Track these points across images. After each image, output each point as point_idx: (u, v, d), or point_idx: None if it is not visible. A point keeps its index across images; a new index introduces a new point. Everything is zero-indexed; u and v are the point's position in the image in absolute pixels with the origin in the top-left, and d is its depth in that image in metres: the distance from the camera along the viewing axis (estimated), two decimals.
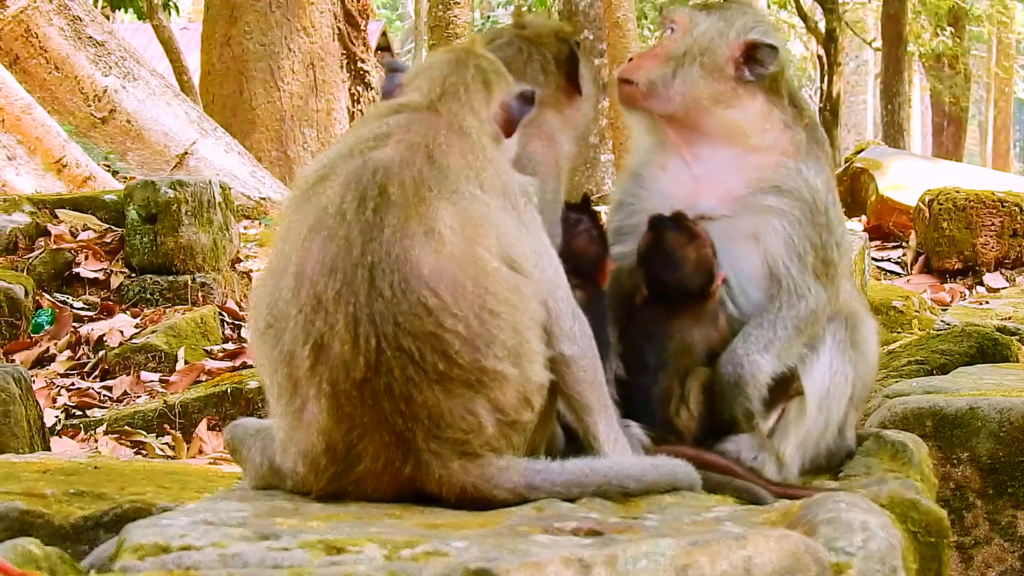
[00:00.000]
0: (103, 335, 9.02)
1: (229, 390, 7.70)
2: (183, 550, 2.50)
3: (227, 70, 18.27)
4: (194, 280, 9.77)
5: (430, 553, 2.45)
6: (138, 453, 7.23)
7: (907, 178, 14.45)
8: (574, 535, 2.63)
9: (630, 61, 3.88)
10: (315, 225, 2.99)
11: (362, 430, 2.93)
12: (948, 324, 8.48)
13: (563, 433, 3.40)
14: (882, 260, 12.88)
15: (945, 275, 12.07)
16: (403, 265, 2.90)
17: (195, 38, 22.46)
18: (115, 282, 9.75)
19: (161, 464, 5.72)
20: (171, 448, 7.33)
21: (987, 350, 7.05)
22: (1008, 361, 6.93)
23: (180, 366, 8.55)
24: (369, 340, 2.88)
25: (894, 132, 27.60)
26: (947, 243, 12.08)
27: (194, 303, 9.60)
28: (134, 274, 9.82)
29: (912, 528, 3.06)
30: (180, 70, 21.71)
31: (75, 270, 9.76)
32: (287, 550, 2.48)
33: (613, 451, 3.21)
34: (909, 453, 3.69)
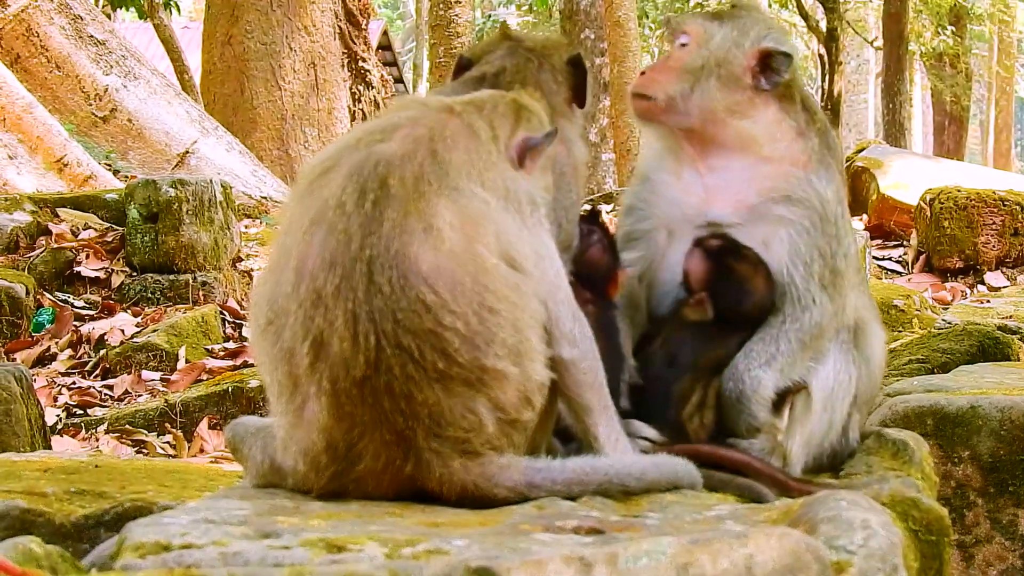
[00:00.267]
0: (104, 334, 9.02)
1: (230, 389, 7.70)
2: (184, 548, 2.50)
3: (228, 69, 18.27)
4: (195, 279, 9.77)
5: (431, 551, 2.45)
6: (139, 452, 7.23)
7: (908, 177, 14.45)
8: (575, 533, 2.63)
9: (643, 75, 3.83)
10: (316, 218, 2.99)
11: (362, 428, 2.92)
12: (949, 323, 8.48)
13: (563, 434, 3.41)
14: (883, 259, 12.88)
15: (946, 274, 12.07)
16: (402, 261, 2.90)
17: (196, 37, 22.48)
18: (116, 281, 9.75)
19: (162, 463, 5.71)
20: (172, 447, 7.34)
21: (988, 349, 7.06)
22: (1009, 360, 6.93)
23: (181, 365, 8.55)
24: (369, 337, 2.88)
25: (895, 131, 27.60)
26: (948, 242, 12.08)
27: (195, 302, 9.60)
28: (135, 273, 9.82)
29: (913, 526, 3.06)
30: (181, 69, 21.72)
31: (76, 269, 9.76)
32: (288, 548, 2.48)
33: (614, 452, 3.20)
34: (910, 451, 3.69)
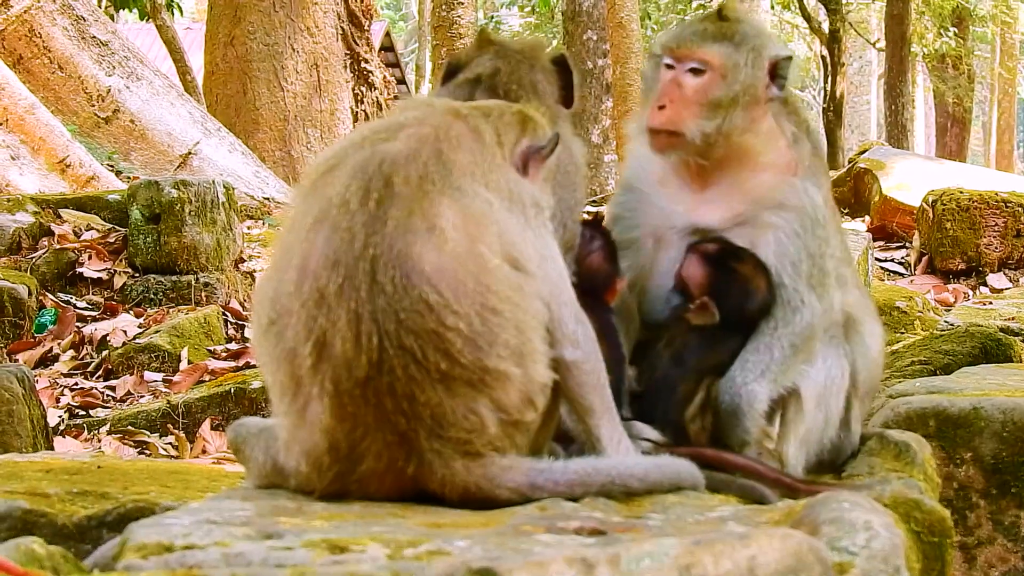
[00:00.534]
0: (106, 335, 9.01)
1: (232, 390, 7.70)
2: (186, 549, 2.50)
3: (231, 70, 18.26)
4: (197, 280, 9.76)
5: (433, 552, 2.45)
6: (141, 453, 7.24)
7: (911, 179, 14.45)
8: (577, 534, 2.63)
9: (662, 109, 3.70)
10: (320, 216, 2.99)
11: (365, 429, 2.92)
12: (951, 324, 8.49)
13: (561, 438, 3.41)
14: (886, 260, 12.88)
15: (948, 275, 12.06)
16: (404, 260, 2.90)
17: (199, 38, 22.48)
18: (118, 282, 9.74)
19: (164, 464, 5.72)
20: (174, 448, 7.34)
21: (990, 350, 7.06)
22: (1011, 361, 6.92)
23: (183, 366, 8.55)
24: (371, 338, 2.88)
25: (898, 133, 27.57)
26: (951, 244, 12.07)
27: (197, 303, 9.60)
28: (137, 274, 9.81)
29: (915, 528, 3.06)
30: (184, 70, 21.72)
31: (78, 270, 9.76)
32: (290, 549, 2.48)
33: (617, 453, 3.20)
34: (912, 453, 3.69)
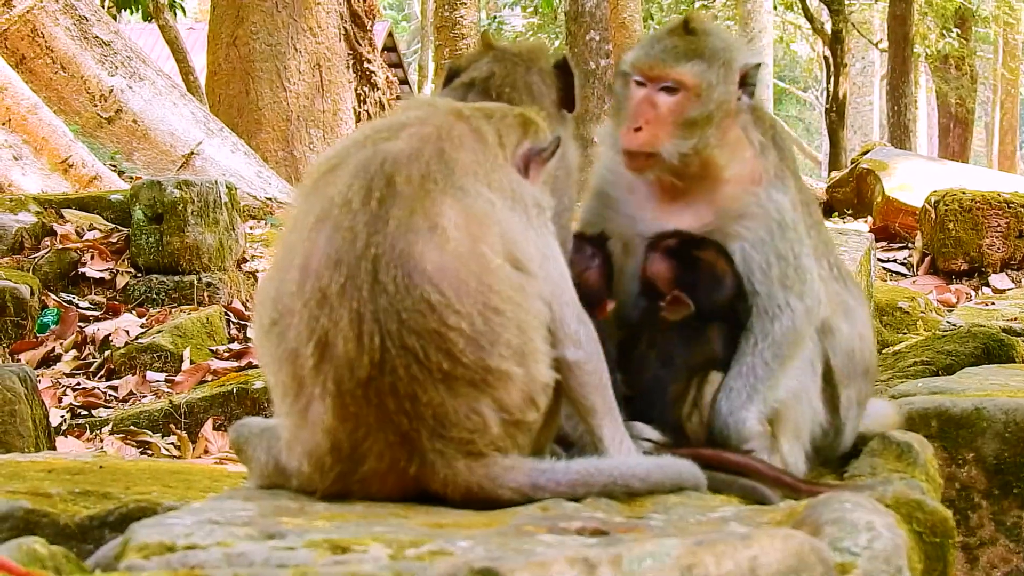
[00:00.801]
0: (109, 335, 9.02)
1: (235, 390, 7.70)
2: (188, 549, 2.50)
3: (233, 70, 18.27)
4: (200, 280, 9.77)
5: (435, 552, 2.45)
6: (143, 453, 7.24)
7: (913, 179, 14.45)
8: (579, 535, 2.63)
9: (638, 131, 3.66)
10: (322, 216, 2.99)
11: (367, 429, 2.93)
12: (954, 325, 8.50)
13: (560, 441, 3.41)
14: (888, 261, 12.87)
15: (951, 276, 12.06)
16: (407, 260, 2.90)
17: (201, 38, 22.47)
18: (121, 282, 9.75)
19: (166, 464, 5.72)
20: (176, 448, 7.34)
21: (992, 351, 7.06)
22: (1013, 362, 6.93)
23: (186, 366, 8.56)
24: (373, 338, 2.88)
25: (900, 133, 27.56)
26: (953, 244, 12.07)
27: (200, 303, 9.60)
28: (140, 274, 9.82)
29: (917, 528, 3.06)
30: (186, 70, 21.73)
31: (81, 270, 9.76)
32: (292, 549, 2.48)
33: (618, 453, 3.20)
34: (914, 453, 3.69)
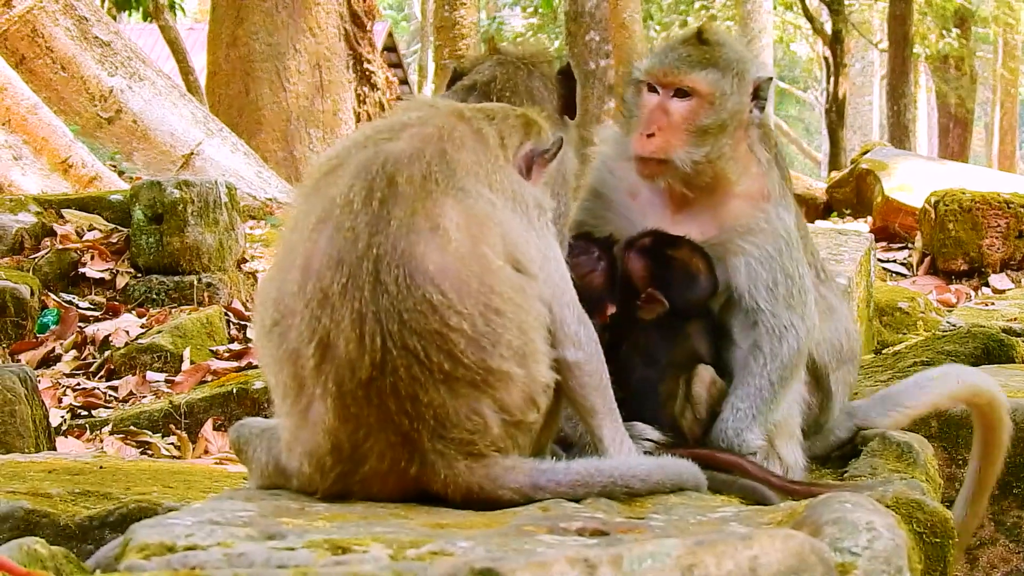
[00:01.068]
0: (109, 335, 9.01)
1: (235, 390, 7.69)
2: (188, 550, 2.50)
3: (233, 70, 18.28)
4: (200, 280, 9.76)
5: (436, 553, 2.45)
6: (144, 453, 7.23)
7: (913, 179, 14.44)
8: (579, 535, 2.63)
9: (650, 137, 3.68)
10: (323, 216, 2.99)
11: (368, 430, 2.93)
12: (954, 325, 8.48)
13: (563, 440, 3.41)
14: (888, 261, 12.86)
15: (951, 276, 12.04)
16: (408, 260, 2.90)
17: (201, 38, 22.49)
18: (121, 282, 9.74)
19: (167, 464, 5.72)
20: (177, 448, 7.33)
21: (992, 351, 7.04)
22: (1013, 362, 6.92)
23: (186, 366, 8.55)
24: (375, 339, 2.88)
25: (900, 133, 27.55)
26: (953, 244, 12.05)
27: (200, 303, 9.60)
28: (140, 274, 9.81)
29: (917, 529, 3.06)
30: (186, 70, 21.73)
31: (81, 270, 9.75)
32: (292, 550, 2.48)
33: (619, 453, 3.21)
34: (915, 454, 3.70)
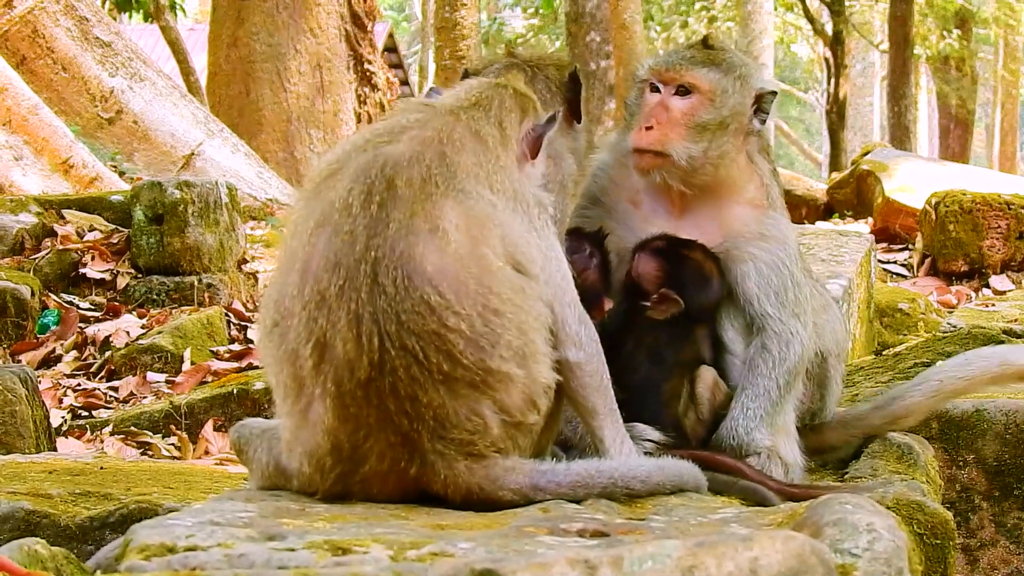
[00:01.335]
0: (109, 336, 9.01)
1: (235, 391, 7.69)
2: (189, 550, 2.50)
3: (234, 71, 18.28)
4: (200, 281, 9.76)
5: (436, 554, 2.45)
6: (144, 454, 7.23)
7: (914, 180, 14.43)
8: (580, 536, 2.63)
9: (649, 130, 3.71)
10: (322, 220, 3.00)
11: (367, 430, 2.93)
12: (954, 326, 8.46)
13: (562, 442, 3.41)
14: (888, 262, 12.86)
15: (951, 277, 12.04)
16: (407, 262, 2.90)
17: (202, 39, 22.49)
18: (121, 283, 9.74)
19: (167, 465, 5.72)
20: (177, 449, 7.33)
21: None
22: None
23: (186, 367, 8.55)
24: (372, 339, 2.88)
25: (900, 134, 27.55)
26: (953, 245, 12.05)
27: (200, 304, 9.60)
28: (140, 275, 9.81)
29: (918, 530, 3.06)
30: (187, 71, 21.73)
31: (81, 271, 9.75)
32: (293, 550, 2.48)
33: (619, 454, 3.21)
34: (915, 455, 3.70)
